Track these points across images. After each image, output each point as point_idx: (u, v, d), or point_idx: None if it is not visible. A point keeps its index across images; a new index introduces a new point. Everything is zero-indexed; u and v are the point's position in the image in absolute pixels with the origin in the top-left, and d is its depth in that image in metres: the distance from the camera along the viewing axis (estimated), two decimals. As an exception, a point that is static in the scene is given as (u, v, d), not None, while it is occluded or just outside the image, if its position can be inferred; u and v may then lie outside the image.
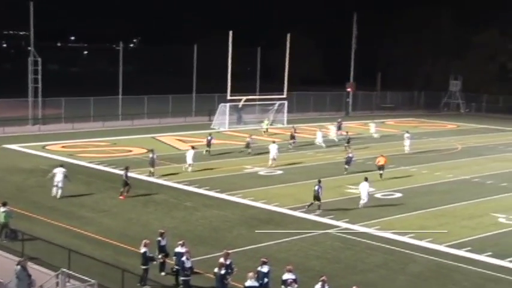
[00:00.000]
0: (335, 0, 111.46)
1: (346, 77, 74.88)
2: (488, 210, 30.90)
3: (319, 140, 48.57)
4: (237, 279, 19.45)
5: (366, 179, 31.05)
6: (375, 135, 54.45)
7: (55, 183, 30.58)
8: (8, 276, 19.02)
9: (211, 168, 38.33)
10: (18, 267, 18.44)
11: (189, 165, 37.17)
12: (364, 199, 30.34)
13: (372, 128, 55.82)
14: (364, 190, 30.35)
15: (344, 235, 26.25)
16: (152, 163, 35.87)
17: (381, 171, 36.93)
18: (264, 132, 54.87)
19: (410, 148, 46.74)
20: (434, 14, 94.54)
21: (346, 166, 38.29)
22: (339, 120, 57.38)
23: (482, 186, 36.49)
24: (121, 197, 30.89)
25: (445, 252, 24.47)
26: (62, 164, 32.48)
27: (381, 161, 37.36)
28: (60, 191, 30.48)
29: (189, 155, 37.28)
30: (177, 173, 36.97)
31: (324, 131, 51.44)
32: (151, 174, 35.70)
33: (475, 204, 32.27)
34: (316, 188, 29.37)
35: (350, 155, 39.29)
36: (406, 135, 47.87)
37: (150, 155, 36.33)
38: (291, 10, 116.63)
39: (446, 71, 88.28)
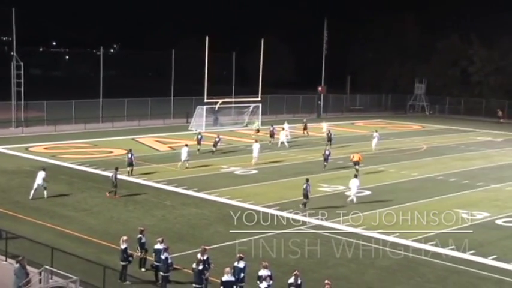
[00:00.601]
0: (307, 7, 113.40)
1: (318, 80, 76.29)
2: (452, 206, 31.77)
3: (282, 139, 49.60)
4: (214, 274, 19.98)
5: (356, 176, 32.63)
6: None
7: (36, 186, 30.96)
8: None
9: (189, 168, 38.91)
10: (17, 265, 18.82)
11: (184, 161, 38.80)
12: (353, 195, 31.57)
13: (324, 127, 56.72)
14: (353, 186, 31.66)
15: (317, 231, 26.91)
16: (130, 164, 36.63)
17: (356, 167, 38.60)
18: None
19: (375, 147, 48.19)
20: (400, 21, 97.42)
21: (325, 163, 40.19)
22: (304, 120, 58.97)
23: (445, 183, 37.40)
24: (116, 196, 31.48)
25: (412, 246, 25.21)
26: (44, 168, 32.87)
27: (355, 157, 39.32)
28: (45, 192, 30.97)
29: (184, 152, 38.81)
30: (155, 173, 37.65)
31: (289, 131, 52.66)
32: (129, 173, 36.46)
33: (439, 200, 33.18)
34: (305, 186, 30.07)
35: (327, 152, 40.89)
36: (375, 134, 49.50)
37: (129, 155, 37.02)
38: (265, 16, 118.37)
39: (412, 74, 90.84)
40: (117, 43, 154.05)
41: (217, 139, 45.75)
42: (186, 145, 40.34)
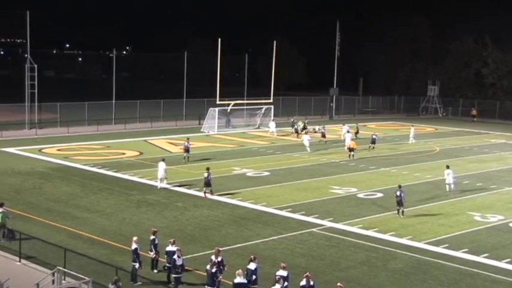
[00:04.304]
0: (319, 9, 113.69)
1: (330, 82, 76.26)
2: (465, 209, 31.70)
3: (305, 142, 49.68)
4: (227, 276, 20.01)
5: (448, 167, 35.32)
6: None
7: (160, 176, 33.70)
8: (6, 275, 19.49)
9: (201, 170, 38.65)
10: (112, 286, 18.17)
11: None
12: (450, 184, 34.61)
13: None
14: (449, 177, 34.58)
15: (328, 233, 26.86)
16: (187, 150, 41.30)
17: (352, 153, 44.65)
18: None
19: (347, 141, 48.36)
20: (412, 23, 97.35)
21: (373, 145, 48.52)
22: (306, 121, 60.12)
23: (459, 186, 36.91)
24: (208, 195, 32.20)
25: (425, 249, 25.11)
26: (163, 159, 34.81)
27: (351, 144, 45.12)
28: (165, 181, 33.95)
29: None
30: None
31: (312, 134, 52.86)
32: (186, 159, 41.09)
33: (452, 203, 32.98)
34: (398, 193, 29.45)
35: (374, 136, 49.27)
36: (347, 127, 52.01)
37: (186, 144, 41.71)
38: (277, 19, 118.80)
39: (424, 76, 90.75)
40: (129, 45, 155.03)
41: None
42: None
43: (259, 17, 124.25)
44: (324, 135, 52.68)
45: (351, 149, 45.11)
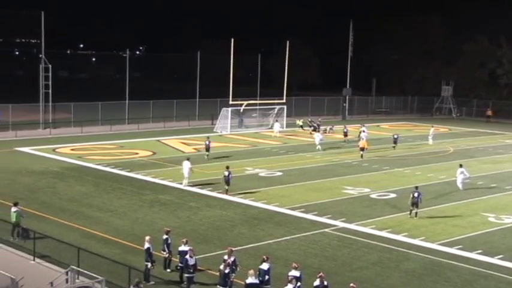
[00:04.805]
0: (332, 9, 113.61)
1: (343, 82, 76.07)
2: (479, 209, 31.55)
3: (316, 141, 49.66)
4: (239, 276, 20.05)
5: (461, 166, 35.88)
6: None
7: (187, 175, 34.30)
8: (20, 273, 19.65)
9: (214, 170, 38.83)
10: None
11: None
12: (460, 183, 35.20)
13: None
14: (461, 175, 35.14)
15: (341, 234, 26.82)
16: (207, 149, 42.34)
17: (362, 152, 45.02)
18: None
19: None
20: (425, 22, 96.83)
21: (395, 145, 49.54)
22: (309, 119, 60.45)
23: (473, 186, 36.87)
24: (227, 194, 32.58)
25: (438, 250, 25.00)
26: (188, 158, 35.97)
27: (362, 144, 45.70)
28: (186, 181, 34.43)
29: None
30: (180, 174, 37.56)
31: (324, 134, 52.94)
32: (207, 157, 41.82)
33: (466, 204, 32.85)
34: (416, 194, 29.29)
35: (395, 136, 50.16)
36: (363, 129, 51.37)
37: (207, 142, 42.61)
38: (290, 19, 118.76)
39: (438, 77, 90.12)
40: (143, 45, 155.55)
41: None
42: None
43: (272, 17, 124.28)
44: (346, 135, 53.36)
45: (362, 149, 45.35)
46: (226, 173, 32.80)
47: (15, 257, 22.76)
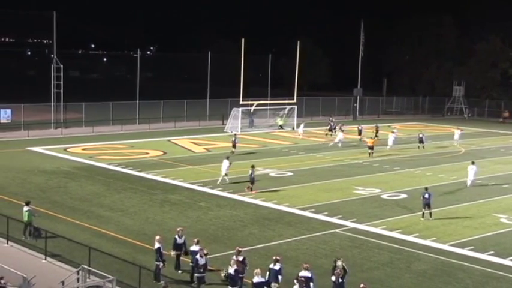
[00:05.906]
0: (342, 9, 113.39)
1: (354, 82, 75.93)
2: (490, 210, 31.35)
3: (337, 139, 50.58)
4: (246, 275, 19.96)
5: (473, 163, 36.21)
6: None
7: (224, 173, 34.79)
8: (32, 272, 19.70)
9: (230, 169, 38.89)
10: None
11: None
12: (470, 180, 35.56)
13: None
14: (471, 172, 35.49)
15: (351, 234, 26.76)
16: (234, 146, 43.81)
17: (370, 151, 45.12)
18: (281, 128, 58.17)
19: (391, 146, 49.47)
20: (437, 23, 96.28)
21: (421, 145, 49.82)
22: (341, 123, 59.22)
23: (484, 187, 36.75)
24: (252, 192, 33.00)
25: (449, 251, 24.85)
26: (228, 157, 36.98)
27: (369, 142, 45.63)
28: (226, 178, 35.12)
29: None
30: (191, 174, 37.75)
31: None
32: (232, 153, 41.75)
33: (477, 205, 32.65)
34: (427, 195, 29.22)
35: (420, 135, 50.31)
36: (394, 133, 51.25)
37: (233, 139, 44.20)
38: (301, 19, 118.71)
39: (449, 77, 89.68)
40: (154, 45, 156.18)
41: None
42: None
43: (283, 17, 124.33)
44: (360, 133, 53.70)
45: (370, 147, 45.23)
46: (250, 172, 33.55)
47: (27, 256, 22.88)
